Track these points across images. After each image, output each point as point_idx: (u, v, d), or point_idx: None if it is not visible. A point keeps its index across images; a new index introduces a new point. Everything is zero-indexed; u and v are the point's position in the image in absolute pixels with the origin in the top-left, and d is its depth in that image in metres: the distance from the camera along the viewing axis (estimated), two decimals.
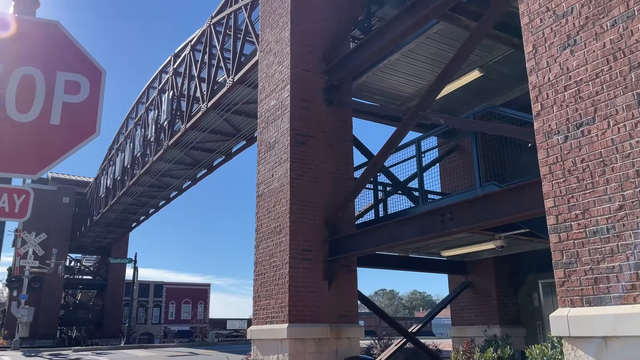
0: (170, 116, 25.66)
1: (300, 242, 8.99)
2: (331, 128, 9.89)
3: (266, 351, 8.88)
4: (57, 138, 2.65)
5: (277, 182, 9.60)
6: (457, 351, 5.60)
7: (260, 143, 10.68)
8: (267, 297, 9.22)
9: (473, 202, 6.41)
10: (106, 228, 45.76)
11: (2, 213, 2.47)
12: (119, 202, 36.30)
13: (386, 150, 8.38)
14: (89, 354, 25.47)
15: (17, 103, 2.61)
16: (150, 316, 63.93)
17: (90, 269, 56.80)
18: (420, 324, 11.24)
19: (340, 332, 8.79)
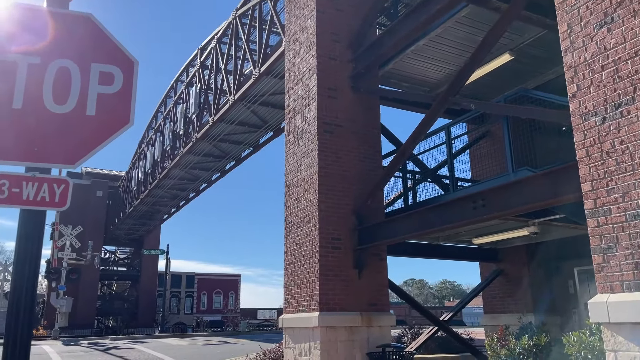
0: (198, 109, 25.96)
1: (329, 231, 9.00)
2: (358, 116, 9.84)
3: (298, 339, 8.96)
4: (93, 128, 2.70)
5: (306, 171, 9.62)
6: (491, 338, 5.52)
7: (288, 133, 10.71)
8: (298, 285, 9.28)
9: (505, 187, 6.29)
10: (138, 220, 46.78)
11: (43, 203, 2.53)
12: (150, 195, 37.01)
13: (415, 138, 8.29)
14: (126, 342, 26.19)
15: (54, 95, 2.66)
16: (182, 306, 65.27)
17: (124, 261, 58.26)
18: (452, 313, 11.15)
19: (371, 320, 8.79)
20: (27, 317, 2.47)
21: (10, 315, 2.45)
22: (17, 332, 2.44)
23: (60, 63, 2.71)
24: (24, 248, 2.51)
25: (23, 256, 2.50)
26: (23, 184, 2.51)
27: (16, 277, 2.48)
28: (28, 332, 2.46)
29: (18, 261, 2.49)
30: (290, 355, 9.14)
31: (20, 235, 2.51)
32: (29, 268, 2.49)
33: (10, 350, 2.43)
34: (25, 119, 2.61)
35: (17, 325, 2.45)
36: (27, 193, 2.51)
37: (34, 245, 2.52)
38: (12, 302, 2.47)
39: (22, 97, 2.62)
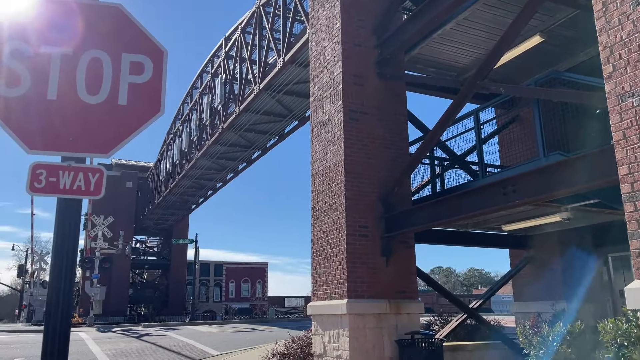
0: (223, 99, 26.16)
1: (356, 218, 8.98)
2: (385, 103, 9.74)
3: (326, 326, 9.01)
4: (126, 118, 2.74)
5: (332, 159, 9.60)
6: (523, 326, 5.45)
7: (313, 121, 10.69)
8: (326, 273, 9.32)
9: (537, 172, 6.15)
10: (167, 210, 47.61)
11: (79, 191, 2.58)
12: (179, 185, 37.60)
13: (443, 123, 8.16)
14: (158, 329, 26.83)
15: (87, 85, 2.71)
16: (211, 294, 66.41)
17: (154, 250, 59.51)
18: (481, 300, 11.04)
19: (400, 307, 8.77)
20: (66, 303, 2.54)
21: (49, 302, 2.52)
22: (56, 319, 2.51)
23: (92, 54, 2.75)
24: (61, 236, 2.57)
25: (61, 244, 2.56)
26: (60, 174, 2.57)
27: (55, 264, 2.55)
28: (67, 319, 2.53)
29: (56, 248, 2.56)
30: (319, 342, 9.21)
31: (58, 223, 2.58)
32: (67, 255, 2.55)
33: (50, 337, 2.50)
34: (59, 110, 2.66)
35: (56, 312, 2.51)
36: (64, 182, 2.57)
37: (72, 232, 2.59)
38: (51, 289, 2.54)
39: (57, 89, 2.67)
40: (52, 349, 2.49)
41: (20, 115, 2.60)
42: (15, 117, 2.59)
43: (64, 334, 2.52)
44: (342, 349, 8.44)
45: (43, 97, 2.64)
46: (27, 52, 2.67)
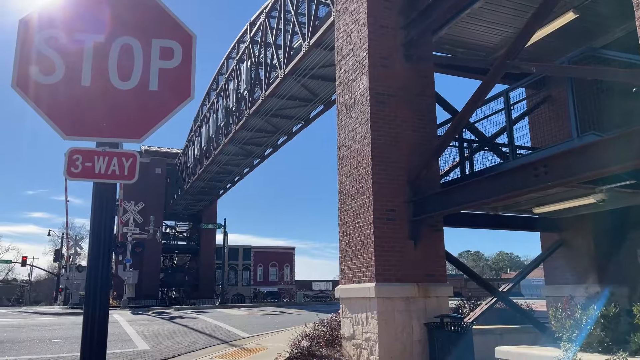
0: (249, 85, 26.24)
1: (383, 202, 8.94)
2: (412, 85, 9.61)
3: (355, 309, 9.06)
4: (157, 103, 2.78)
5: (358, 143, 9.55)
6: (555, 309, 5.36)
7: (340, 105, 10.63)
8: (353, 257, 9.34)
9: (570, 153, 5.99)
10: (196, 196, 48.35)
11: (114, 176, 2.64)
12: (206, 171, 38.08)
13: (472, 104, 8.01)
14: (189, 312, 27.45)
15: (119, 71, 2.75)
16: (240, 278, 67.53)
17: (184, 235, 60.63)
18: (512, 283, 10.90)
19: (429, 291, 8.74)
20: (104, 285, 2.62)
21: (88, 284, 2.60)
22: (95, 301, 2.58)
23: (123, 40, 2.79)
24: (98, 220, 2.64)
25: (98, 227, 2.63)
26: (95, 159, 2.63)
27: (92, 247, 2.63)
28: (105, 301, 2.60)
29: (93, 232, 2.63)
30: (347, 325, 9.28)
31: (94, 207, 2.65)
32: (103, 238, 2.62)
33: (89, 318, 2.58)
34: (93, 96, 2.72)
35: (95, 294, 2.59)
36: (99, 167, 2.63)
37: (108, 216, 2.65)
38: (90, 271, 2.62)
39: (90, 75, 2.72)
40: (92, 330, 2.57)
41: (56, 102, 2.66)
42: (52, 104, 2.65)
43: (103, 315, 2.60)
44: (370, 332, 8.48)
45: (77, 84, 2.70)
46: (60, 40, 2.72)
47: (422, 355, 8.33)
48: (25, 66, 2.64)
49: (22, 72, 2.64)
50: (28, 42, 2.69)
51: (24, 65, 2.64)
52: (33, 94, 2.63)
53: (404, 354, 8.28)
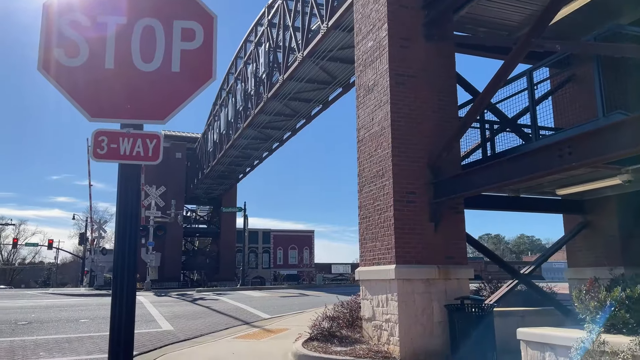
0: (268, 68, 26.18)
1: (403, 185, 8.90)
2: (433, 66, 9.47)
3: (375, 291, 9.10)
4: (179, 84, 2.79)
5: (378, 125, 9.49)
6: (579, 290, 5.31)
7: (359, 87, 10.55)
8: (373, 239, 9.35)
9: (596, 133, 5.86)
10: (216, 180, 48.77)
11: (139, 157, 2.67)
12: (226, 155, 38.32)
13: (494, 85, 7.87)
14: (210, 294, 27.92)
15: (142, 53, 2.77)
16: (260, 261, 68.27)
17: (204, 219, 61.39)
18: (534, 266, 10.80)
19: (449, 273, 8.73)
20: (131, 264, 2.67)
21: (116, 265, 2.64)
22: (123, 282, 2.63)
23: (145, 22, 2.80)
24: (124, 201, 2.69)
25: (124, 208, 2.68)
26: (120, 140, 2.67)
27: (119, 228, 2.67)
28: (132, 281, 2.65)
29: (120, 213, 2.67)
30: (367, 307, 9.34)
31: (120, 188, 2.69)
32: (130, 218, 2.67)
33: (117, 298, 2.64)
34: (117, 78, 2.74)
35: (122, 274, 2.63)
36: (124, 148, 2.66)
37: (133, 197, 2.69)
38: (117, 251, 2.67)
39: (113, 57, 2.75)
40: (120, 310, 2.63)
41: (80, 85, 2.69)
42: (76, 86, 2.69)
43: (130, 295, 2.65)
44: (390, 313, 8.52)
45: (101, 67, 2.73)
46: (83, 23, 2.75)
47: (442, 337, 8.35)
48: (50, 49, 2.68)
49: (47, 55, 2.67)
50: (52, 26, 2.72)
51: (49, 48, 2.67)
52: (58, 77, 2.67)
53: (423, 336, 8.32)
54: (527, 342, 5.50)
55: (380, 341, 8.72)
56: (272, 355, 8.94)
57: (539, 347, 5.34)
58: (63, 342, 10.59)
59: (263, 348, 9.75)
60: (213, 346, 10.04)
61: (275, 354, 9.03)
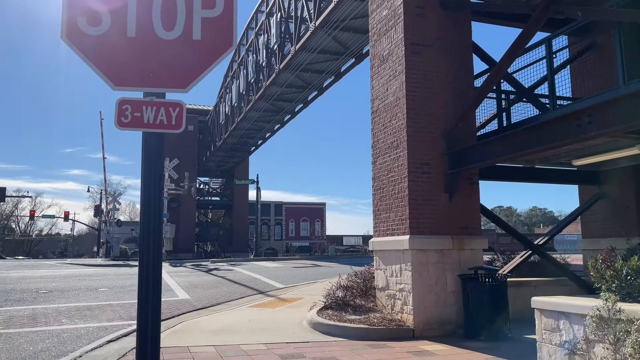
0: (279, 39, 25.91)
1: (418, 155, 8.88)
2: (449, 35, 9.31)
3: (389, 261, 9.19)
4: (200, 52, 2.80)
5: (393, 96, 9.41)
6: (595, 260, 5.31)
7: (373, 57, 10.43)
8: (387, 210, 9.39)
9: (616, 102, 5.77)
10: (228, 153, 48.96)
11: (162, 125, 2.71)
12: (238, 127, 38.32)
13: (511, 54, 7.74)
14: (225, 264, 28.38)
15: (163, 22, 2.77)
16: (272, 233, 69.02)
17: (217, 191, 61.91)
18: (548, 237, 10.80)
19: (463, 243, 8.77)
20: (157, 231, 2.72)
21: (142, 232, 2.70)
22: (149, 249, 2.69)
23: None
24: (148, 169, 2.73)
25: (149, 176, 2.72)
26: (143, 109, 2.70)
27: (144, 196, 2.72)
28: (158, 248, 2.72)
29: (145, 180, 2.72)
30: (381, 276, 9.45)
31: (145, 157, 2.73)
32: (154, 185, 2.72)
33: (145, 265, 2.71)
34: (139, 47, 2.75)
35: (148, 242, 2.69)
36: (147, 117, 2.69)
37: (157, 165, 2.74)
38: (143, 217, 2.72)
39: (135, 26, 2.75)
40: (147, 276, 2.70)
41: (104, 53, 2.71)
42: (100, 55, 2.71)
43: (157, 262, 2.72)
44: (404, 283, 8.62)
45: (123, 35, 2.74)
46: None
47: (455, 306, 8.46)
48: (73, 17, 2.69)
49: (71, 23, 2.68)
50: None
51: (72, 17, 2.68)
52: (82, 45, 2.68)
53: (437, 305, 8.42)
54: (542, 310, 5.54)
55: (394, 310, 8.85)
56: (288, 323, 9.13)
57: (553, 316, 5.38)
58: (84, 309, 10.90)
59: (278, 316, 9.95)
60: (229, 314, 10.27)
61: (290, 321, 9.22)
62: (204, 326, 8.83)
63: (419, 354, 6.88)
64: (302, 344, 7.39)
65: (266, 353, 6.80)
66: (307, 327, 8.71)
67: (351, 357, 6.59)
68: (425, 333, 8.17)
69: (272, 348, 7.10)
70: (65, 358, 6.63)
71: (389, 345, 7.43)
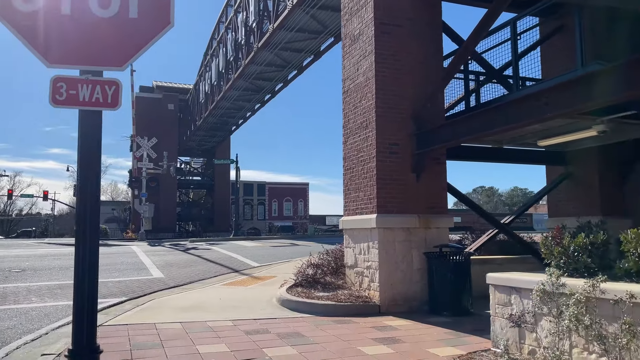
0: (258, 17, 25.61)
1: (387, 136, 8.96)
2: (419, 15, 9.33)
3: (357, 240, 9.35)
4: (137, 31, 2.81)
5: (363, 76, 9.45)
6: (545, 237, 5.51)
7: (345, 37, 10.42)
8: (357, 190, 9.51)
9: (571, 83, 5.89)
10: (209, 132, 48.58)
11: (98, 103, 2.73)
12: (218, 106, 37.99)
13: (478, 34, 7.80)
14: (203, 244, 28.41)
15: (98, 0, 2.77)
16: (255, 213, 69.16)
17: (198, 171, 61.54)
18: (514, 216, 11.06)
19: (429, 222, 8.94)
20: (94, 210, 2.76)
21: (79, 211, 2.75)
22: (85, 229, 2.74)
23: None
24: (86, 148, 2.76)
25: (86, 155, 2.76)
26: (78, 86, 2.71)
27: (82, 175, 2.76)
28: (95, 224, 2.75)
29: (82, 159, 2.75)
30: (350, 254, 9.61)
31: (81, 136, 2.76)
32: (91, 165, 2.75)
33: (81, 248, 2.75)
34: (74, 24, 2.76)
35: (84, 221, 2.73)
36: (83, 95, 2.71)
37: (94, 144, 2.77)
38: (80, 198, 2.77)
39: (70, 3, 2.75)
40: (84, 258, 2.75)
41: (38, 30, 2.71)
42: (34, 32, 2.71)
43: (94, 248, 2.76)
44: (372, 260, 8.79)
45: (58, 12, 2.73)
46: None
47: (420, 283, 8.66)
48: None
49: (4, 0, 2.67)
50: None
51: None
52: (14, 22, 2.67)
53: (403, 282, 8.62)
54: (496, 286, 5.73)
55: (362, 287, 9.04)
56: (258, 300, 9.26)
57: (506, 291, 5.57)
58: (55, 288, 10.90)
59: (250, 294, 10.09)
60: (201, 292, 10.37)
61: (261, 299, 9.36)
62: (173, 304, 8.92)
63: (381, 329, 7.06)
64: (268, 320, 7.53)
65: (232, 329, 6.92)
66: (276, 304, 8.86)
67: (314, 332, 6.75)
68: (391, 309, 8.37)
69: (239, 324, 7.22)
70: (31, 335, 6.68)
71: (354, 320, 7.61)
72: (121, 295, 10.02)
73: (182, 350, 5.73)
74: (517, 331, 5.29)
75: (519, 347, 5.24)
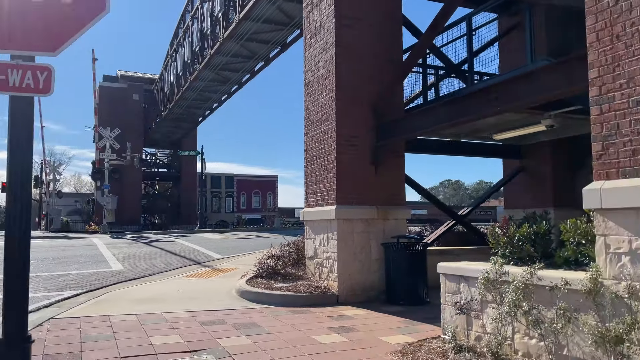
0: (223, 7, 25.28)
1: (347, 128, 9.03)
2: (379, 8, 9.41)
3: (317, 231, 9.42)
4: (71, 16, 2.76)
5: (323, 68, 9.48)
6: (492, 227, 5.69)
7: (307, 28, 10.42)
8: (317, 181, 9.57)
9: (518, 79, 6.07)
10: (175, 123, 47.73)
11: (29, 89, 2.67)
12: (183, 97, 37.39)
13: (433, 29, 7.94)
14: (167, 236, 28.06)
15: None
16: (223, 205, 68.53)
17: (164, 162, 60.49)
18: (470, 208, 11.35)
19: (388, 213, 9.08)
20: (25, 201, 2.71)
21: (8, 204, 2.68)
22: (15, 223, 2.68)
23: None
24: (16, 135, 2.70)
25: (16, 142, 2.70)
26: (8, 71, 2.65)
27: (12, 163, 2.70)
28: (27, 216, 2.70)
29: (12, 146, 2.69)
30: (310, 245, 9.68)
31: (11, 122, 2.70)
32: (22, 153, 2.70)
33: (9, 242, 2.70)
34: (5, 8, 2.69)
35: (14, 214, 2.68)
36: (13, 80, 2.65)
37: (25, 131, 2.71)
38: (10, 187, 2.71)
39: None
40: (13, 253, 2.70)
41: None
42: None
43: (24, 238, 2.71)
44: (331, 251, 8.88)
45: None
46: None
47: (378, 273, 8.80)
48: None
49: None
50: None
51: None
52: None
53: (361, 272, 8.74)
54: (446, 275, 5.88)
55: (321, 277, 9.12)
56: (217, 292, 9.24)
57: (455, 280, 5.73)
58: None
59: (210, 286, 10.04)
60: (160, 284, 10.27)
61: (220, 290, 9.34)
62: (130, 296, 8.81)
63: (337, 318, 7.16)
64: (226, 311, 7.53)
65: (188, 320, 6.90)
66: (235, 295, 8.86)
67: (270, 322, 6.79)
68: (349, 299, 8.49)
69: (195, 316, 7.20)
70: None
71: (311, 310, 7.68)
72: (77, 288, 9.83)
73: (134, 342, 5.68)
74: (465, 318, 5.45)
75: (467, 334, 5.41)
